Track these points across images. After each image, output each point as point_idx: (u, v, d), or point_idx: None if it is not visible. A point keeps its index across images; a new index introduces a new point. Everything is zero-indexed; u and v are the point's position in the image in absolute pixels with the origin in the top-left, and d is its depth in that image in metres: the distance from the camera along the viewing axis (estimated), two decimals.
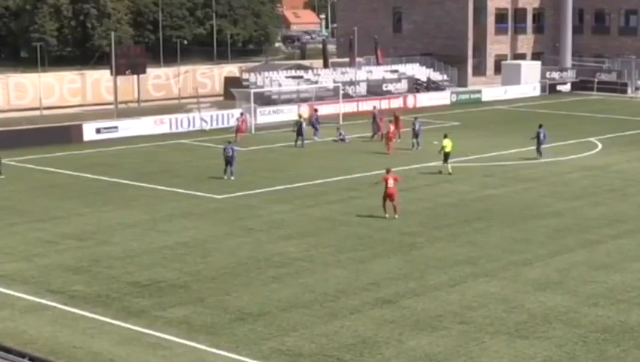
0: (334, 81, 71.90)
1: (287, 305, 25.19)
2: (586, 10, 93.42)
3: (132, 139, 55.91)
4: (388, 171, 35.58)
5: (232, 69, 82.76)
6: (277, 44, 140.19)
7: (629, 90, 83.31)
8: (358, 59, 79.40)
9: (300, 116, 55.94)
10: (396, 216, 35.04)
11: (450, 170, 44.25)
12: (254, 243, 31.86)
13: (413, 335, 22.95)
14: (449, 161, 44.45)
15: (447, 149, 44.56)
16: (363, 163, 47.08)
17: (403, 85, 77.80)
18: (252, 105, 60.94)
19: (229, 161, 43.22)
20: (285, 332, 23.15)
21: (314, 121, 56.23)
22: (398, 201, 35.27)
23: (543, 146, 48.70)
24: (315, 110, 58.94)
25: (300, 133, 53.03)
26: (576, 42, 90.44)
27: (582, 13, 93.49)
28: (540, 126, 49.25)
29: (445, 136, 45.43)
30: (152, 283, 27.24)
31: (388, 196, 35.07)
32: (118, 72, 65.43)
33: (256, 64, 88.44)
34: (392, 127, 51.67)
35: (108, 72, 68.10)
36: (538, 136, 48.65)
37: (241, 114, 58.17)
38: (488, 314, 24.51)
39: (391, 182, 35.02)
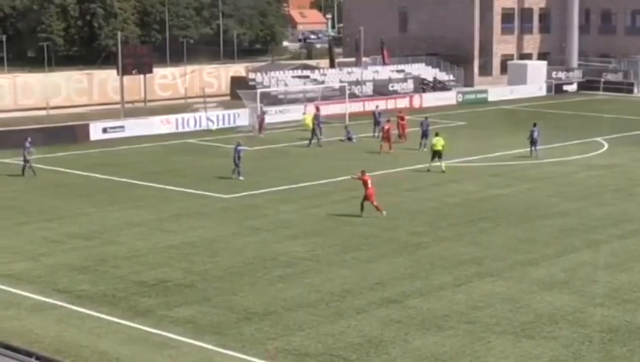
0: (340, 81, 71.92)
1: (293, 305, 25.21)
2: (593, 10, 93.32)
3: (138, 139, 55.99)
4: (364, 173, 35.54)
5: (238, 69, 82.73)
6: (285, 43, 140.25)
7: (635, 90, 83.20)
8: (364, 59, 79.40)
9: (314, 116, 55.94)
10: (363, 215, 34.99)
11: (430, 168, 44.29)
12: (260, 242, 31.89)
13: (419, 335, 22.96)
14: (441, 160, 44.39)
15: (437, 147, 44.45)
16: (369, 163, 47.00)
17: (409, 85, 77.79)
18: (258, 104, 61.00)
19: (235, 161, 43.29)
20: (291, 332, 23.17)
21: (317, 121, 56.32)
22: (372, 202, 35.29)
23: (538, 147, 48.79)
24: (317, 109, 58.87)
25: (314, 132, 53.39)
26: (582, 42, 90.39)
27: (588, 13, 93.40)
28: (535, 125, 49.40)
29: (437, 135, 45.39)
30: (159, 282, 27.28)
31: (368, 196, 35.04)
32: (125, 71, 65.42)
33: (263, 64, 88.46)
34: (386, 126, 51.63)
35: (114, 71, 68.10)
36: (532, 135, 48.80)
37: (263, 113, 58.51)
38: (494, 313, 24.51)
39: (370, 183, 35.02)
